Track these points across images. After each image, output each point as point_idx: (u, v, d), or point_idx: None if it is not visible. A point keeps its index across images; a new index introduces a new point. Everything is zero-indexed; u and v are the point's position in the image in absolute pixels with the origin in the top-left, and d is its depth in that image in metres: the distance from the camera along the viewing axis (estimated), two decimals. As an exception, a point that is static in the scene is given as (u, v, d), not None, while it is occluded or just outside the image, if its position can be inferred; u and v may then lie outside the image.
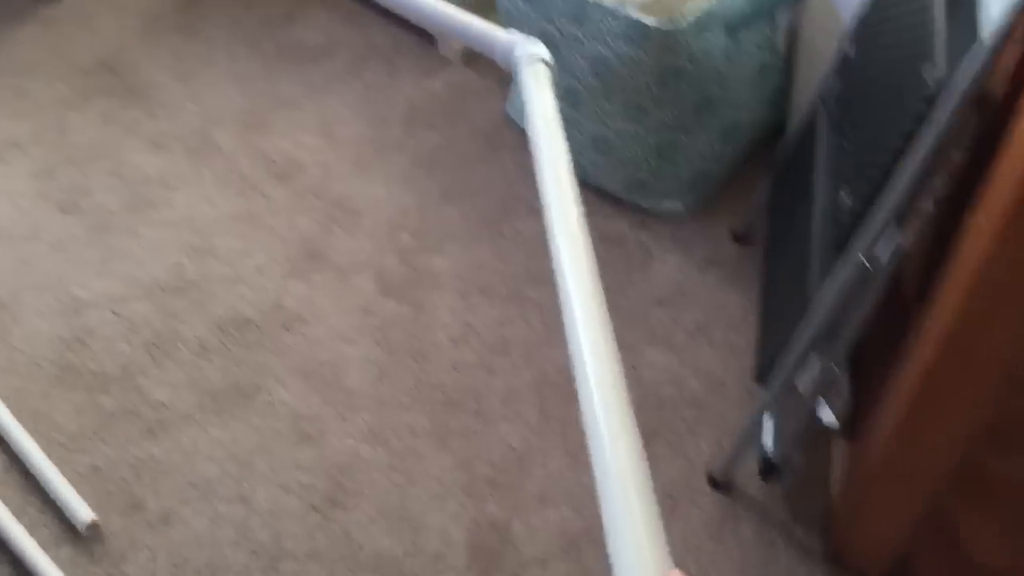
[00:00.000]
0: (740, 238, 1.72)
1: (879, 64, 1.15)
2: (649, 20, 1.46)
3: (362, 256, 1.73)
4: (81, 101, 2.00)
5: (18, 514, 1.37)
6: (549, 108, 0.87)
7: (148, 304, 1.66)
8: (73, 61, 2.08)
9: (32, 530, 1.35)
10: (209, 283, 1.70)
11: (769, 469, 1.36)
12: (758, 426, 1.36)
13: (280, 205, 1.81)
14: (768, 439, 1.36)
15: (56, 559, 1.33)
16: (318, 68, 2.06)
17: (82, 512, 1.37)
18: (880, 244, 1.05)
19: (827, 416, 1.32)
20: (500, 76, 2.01)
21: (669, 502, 1.40)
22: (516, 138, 1.91)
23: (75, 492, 1.40)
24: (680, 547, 1.36)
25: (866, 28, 1.28)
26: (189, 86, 2.02)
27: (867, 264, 1.06)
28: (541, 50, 0.91)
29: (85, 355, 1.60)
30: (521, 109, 1.90)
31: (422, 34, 2.09)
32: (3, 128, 1.94)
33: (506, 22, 1.71)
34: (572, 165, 0.80)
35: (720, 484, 1.41)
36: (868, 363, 1.34)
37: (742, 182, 1.81)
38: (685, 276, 1.69)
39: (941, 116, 0.94)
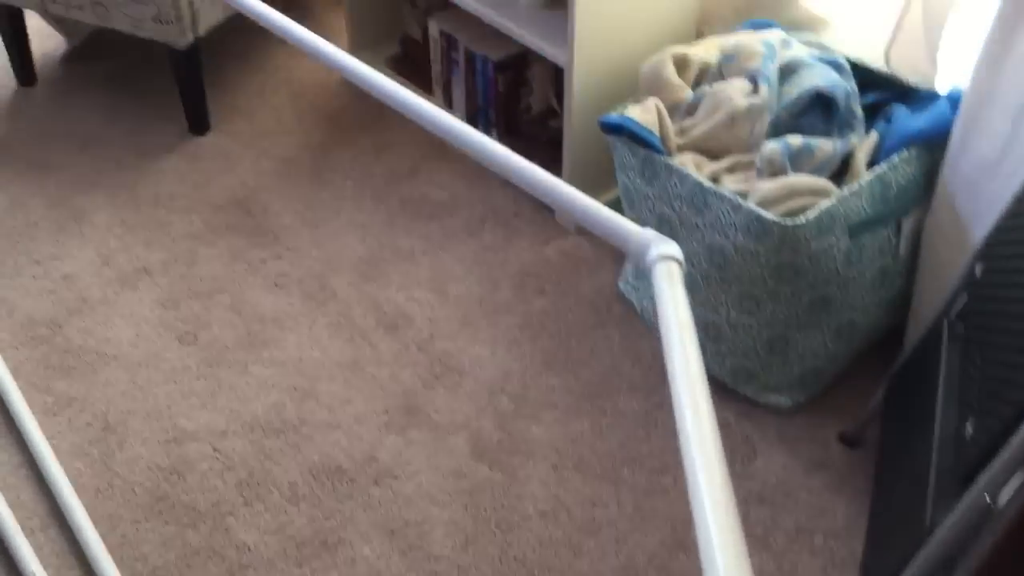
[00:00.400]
0: (849, 441, 1.66)
1: (1012, 292, 1.12)
2: (769, 215, 1.46)
3: (460, 416, 1.73)
4: (212, 236, 2.10)
5: (92, 647, 1.38)
6: (682, 307, 0.87)
7: (246, 442, 1.69)
8: (210, 197, 2.19)
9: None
10: (307, 427, 1.71)
11: None
12: (859, 653, 1.27)
13: (385, 356, 1.84)
14: (869, 669, 1.27)
15: None
16: (438, 224, 2.12)
17: (154, 654, 1.36)
18: (1006, 483, 1.00)
19: (936, 653, 1.23)
20: (613, 250, 2.04)
21: None
22: (625, 313, 1.92)
23: (150, 631, 1.40)
24: None
25: (997, 251, 1.25)
26: (314, 232, 2.10)
27: (991, 503, 1.00)
28: (674, 249, 0.92)
29: (180, 487, 1.62)
30: (632, 286, 1.90)
31: (541, 201, 2.14)
32: (138, 255, 2.05)
33: (625, 200, 1.74)
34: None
35: None
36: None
37: (854, 383, 1.76)
38: (789, 475, 1.63)
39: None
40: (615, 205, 2.13)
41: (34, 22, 2.60)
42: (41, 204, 2.18)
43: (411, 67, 2.39)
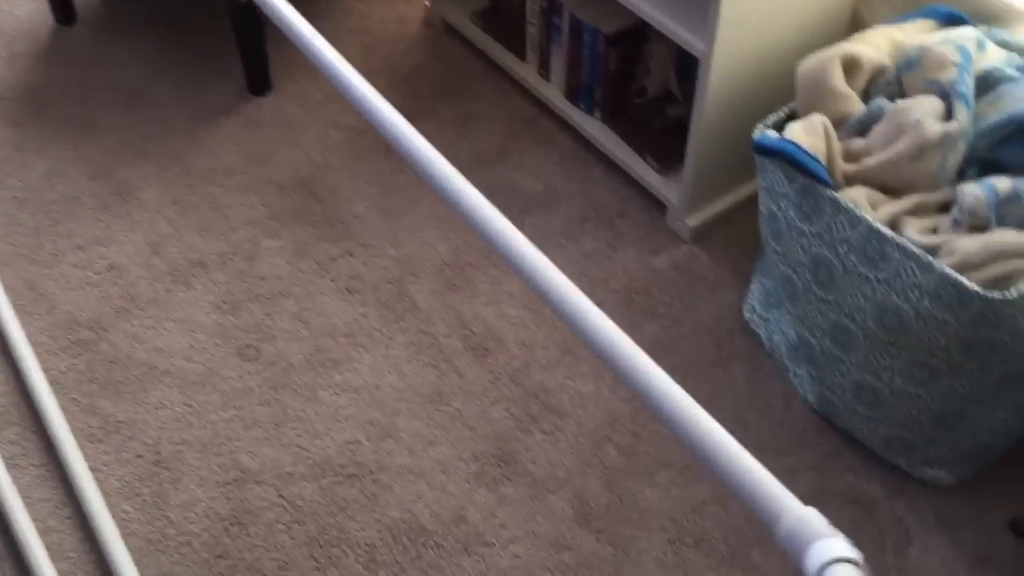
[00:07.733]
0: (1020, 531, 1.42)
1: None
2: (971, 284, 1.19)
3: (561, 471, 1.51)
4: (275, 224, 1.84)
5: None
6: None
7: (317, 488, 1.47)
8: (272, 175, 1.93)
9: None
10: (386, 472, 1.50)
11: None
12: None
13: (474, 387, 1.61)
14: None
15: None
16: (531, 222, 1.85)
17: None
18: None
19: None
20: (736, 265, 1.77)
21: None
22: (750, 347, 1.66)
23: None
24: None
25: None
26: (390, 224, 1.84)
27: None
28: (847, 550, 0.64)
29: (242, 543, 1.42)
30: (761, 316, 1.64)
31: (649, 196, 1.86)
32: (192, 245, 1.81)
33: (769, 229, 1.47)
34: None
35: None
36: None
37: None
38: (949, 571, 1.39)
39: None
40: (741, 211, 1.86)
41: (73, -50, 2.31)
42: (83, 174, 1.93)
43: (502, 26, 2.08)
